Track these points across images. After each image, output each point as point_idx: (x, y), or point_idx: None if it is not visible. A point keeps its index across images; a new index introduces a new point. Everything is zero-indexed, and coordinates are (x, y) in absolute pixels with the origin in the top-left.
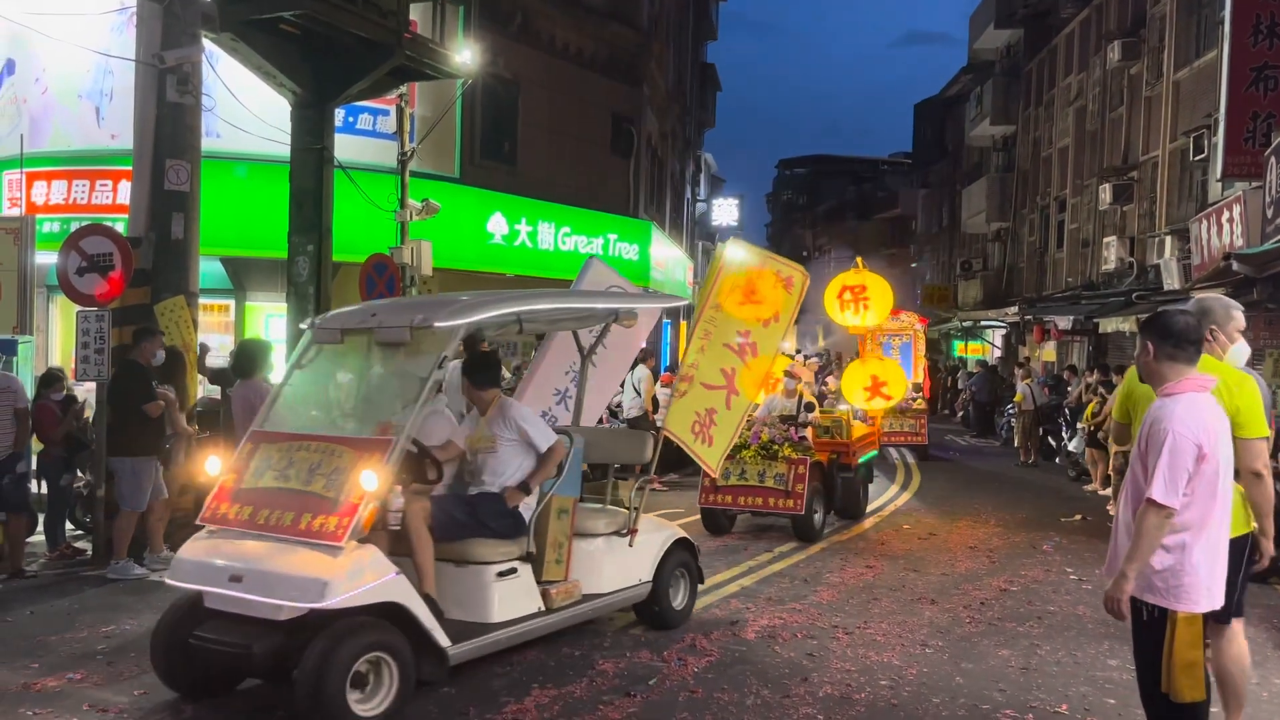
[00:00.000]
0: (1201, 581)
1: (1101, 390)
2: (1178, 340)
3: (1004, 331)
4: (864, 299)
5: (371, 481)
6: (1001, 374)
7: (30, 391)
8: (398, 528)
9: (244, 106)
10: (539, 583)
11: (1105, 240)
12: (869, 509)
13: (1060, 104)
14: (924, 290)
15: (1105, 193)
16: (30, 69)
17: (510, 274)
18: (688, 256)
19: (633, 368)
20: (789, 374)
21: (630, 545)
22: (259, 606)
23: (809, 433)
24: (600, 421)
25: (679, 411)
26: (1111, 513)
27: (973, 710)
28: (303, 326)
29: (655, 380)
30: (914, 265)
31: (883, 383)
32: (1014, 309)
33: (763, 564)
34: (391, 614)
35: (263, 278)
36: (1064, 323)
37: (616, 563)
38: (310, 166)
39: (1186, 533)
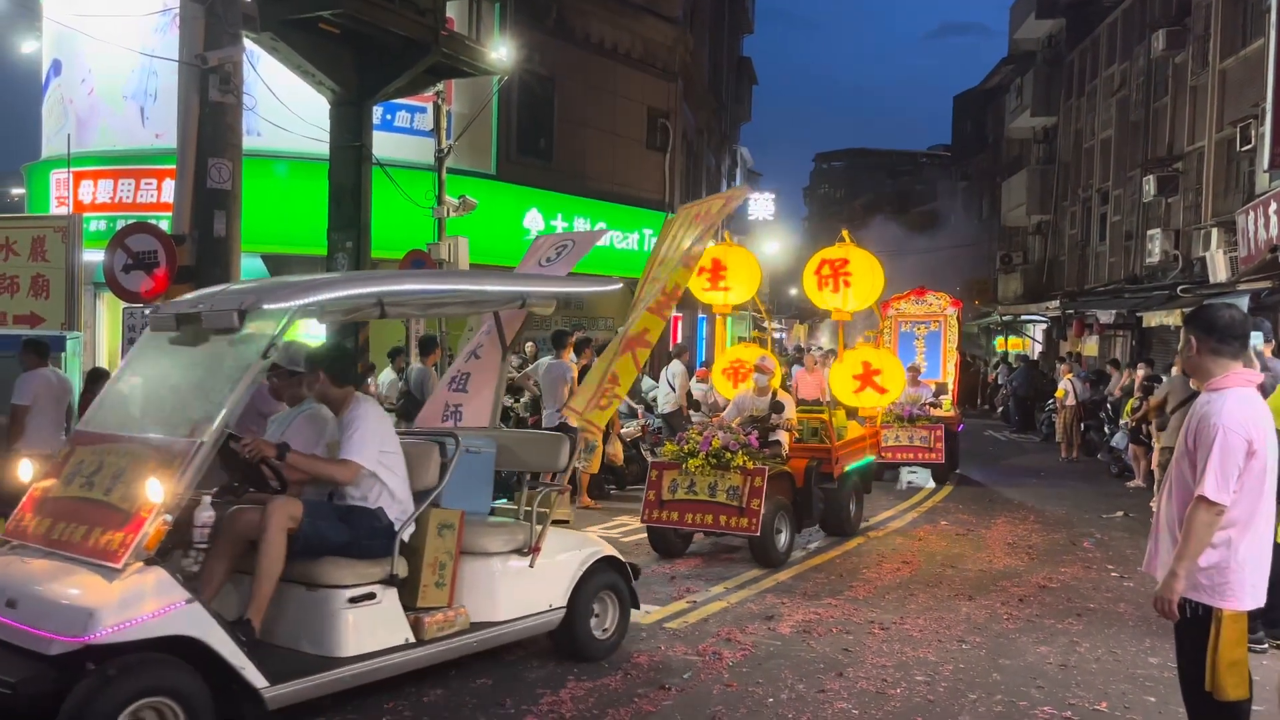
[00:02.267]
0: (1247, 579)
1: (1146, 385)
2: (1223, 335)
3: (1045, 326)
4: (844, 275)
5: (156, 491)
6: (1042, 369)
7: (77, 389)
8: (204, 545)
9: (284, 105)
10: (410, 610)
11: (1149, 233)
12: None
13: (1103, 94)
14: (963, 285)
15: (1149, 184)
16: (76, 70)
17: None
18: None
19: (667, 363)
20: (760, 368)
21: (531, 566)
22: (28, 638)
23: (785, 437)
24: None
25: (584, 388)
26: (1154, 509)
27: (1010, 707)
28: (147, 313)
29: (690, 375)
30: (948, 255)
31: (875, 371)
32: (1055, 303)
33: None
34: (190, 649)
35: (303, 274)
36: (1106, 317)
37: (518, 586)
38: (349, 164)
39: (1233, 529)
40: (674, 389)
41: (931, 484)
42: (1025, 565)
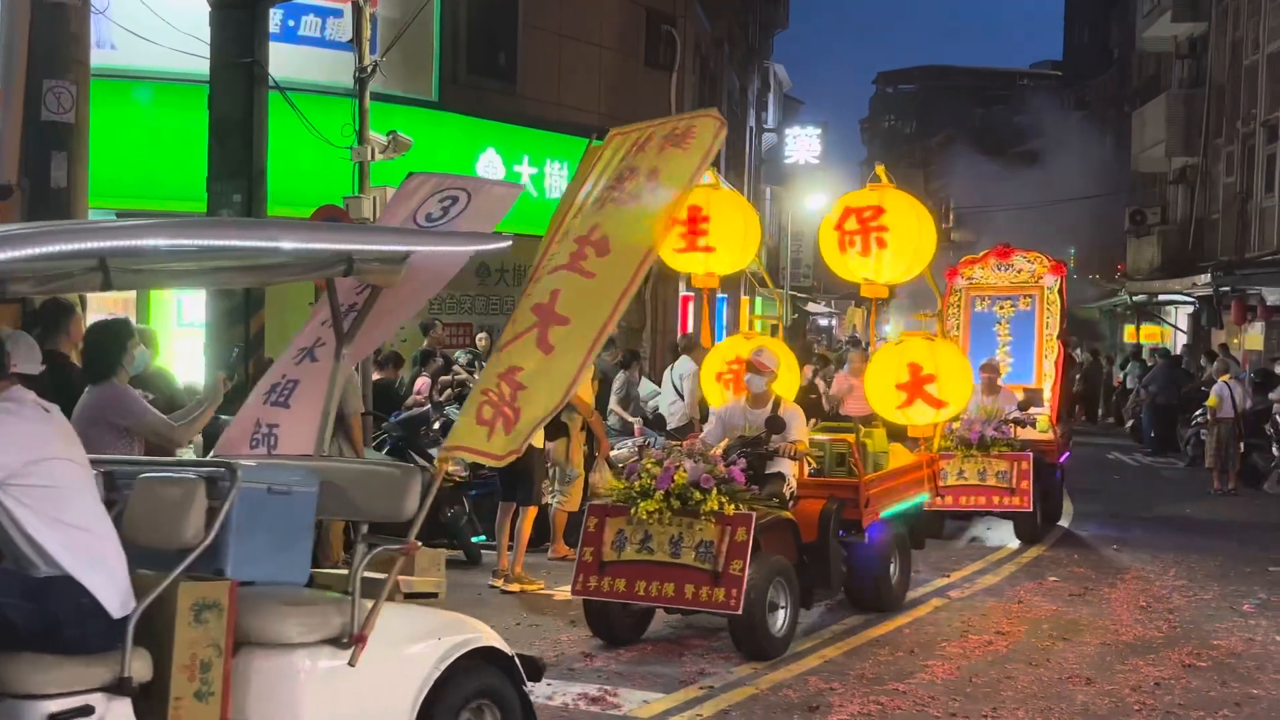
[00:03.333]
0: None
1: None
2: None
3: (1192, 309)
4: (878, 232)
5: None
6: (1187, 368)
7: None
8: None
9: (147, 7)
10: None
11: None
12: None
13: None
14: (1080, 253)
15: None
16: None
17: (508, 232)
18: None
19: (673, 359)
20: (753, 365)
21: (351, 664)
22: None
23: (792, 469)
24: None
25: (469, 405)
26: None
27: None
28: None
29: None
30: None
31: (928, 377)
32: (1205, 277)
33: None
34: None
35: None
36: (1275, 297)
37: (331, 696)
38: (236, 87)
39: None
40: (682, 396)
41: (1014, 543)
42: (1164, 636)
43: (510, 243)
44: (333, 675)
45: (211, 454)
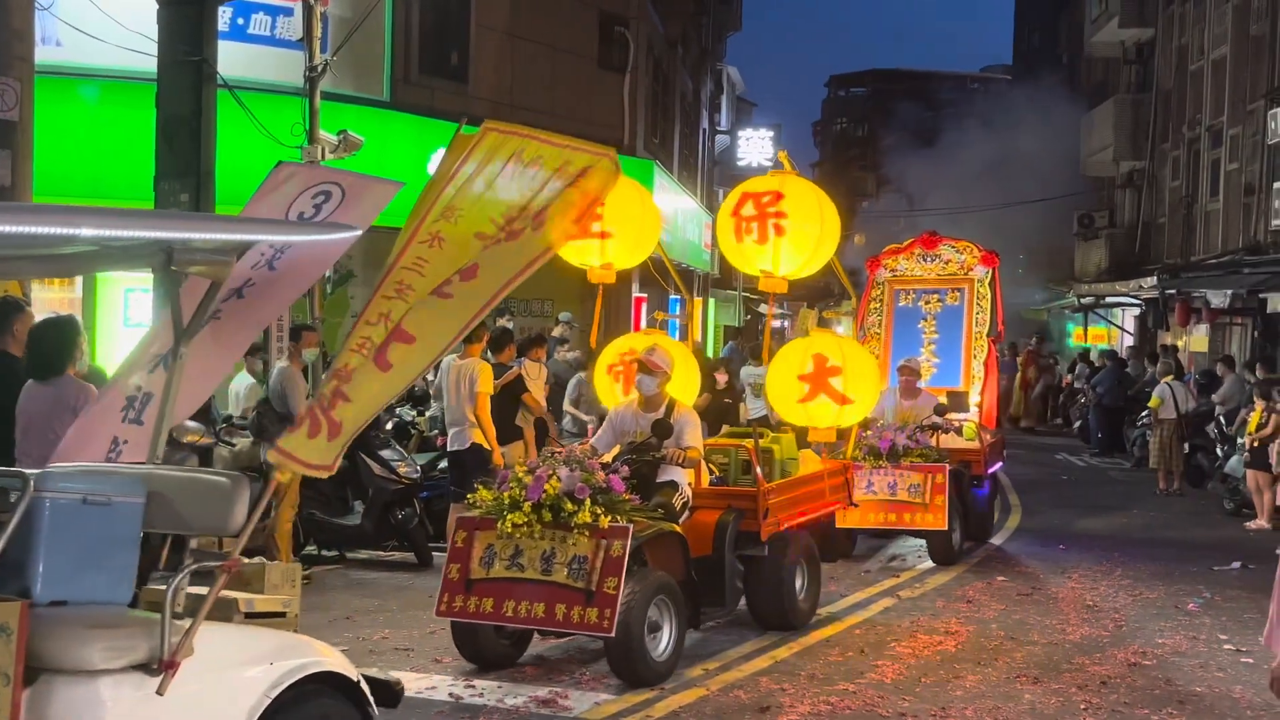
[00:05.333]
0: None
1: (1265, 390)
2: None
3: (1138, 311)
4: (776, 219)
5: None
6: (1131, 370)
7: None
8: None
9: (94, 4)
10: None
11: (1276, 185)
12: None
13: (1215, 0)
14: (1028, 256)
15: (1275, 120)
16: None
17: None
18: (704, 209)
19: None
20: (646, 364)
21: (160, 693)
22: None
23: (687, 478)
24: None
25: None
26: None
27: None
28: None
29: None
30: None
31: (833, 369)
32: (1151, 280)
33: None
34: None
35: None
36: (1219, 299)
37: None
38: (185, 85)
39: None
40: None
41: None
42: (1110, 635)
43: (358, 232)
44: (139, 705)
45: (51, 461)
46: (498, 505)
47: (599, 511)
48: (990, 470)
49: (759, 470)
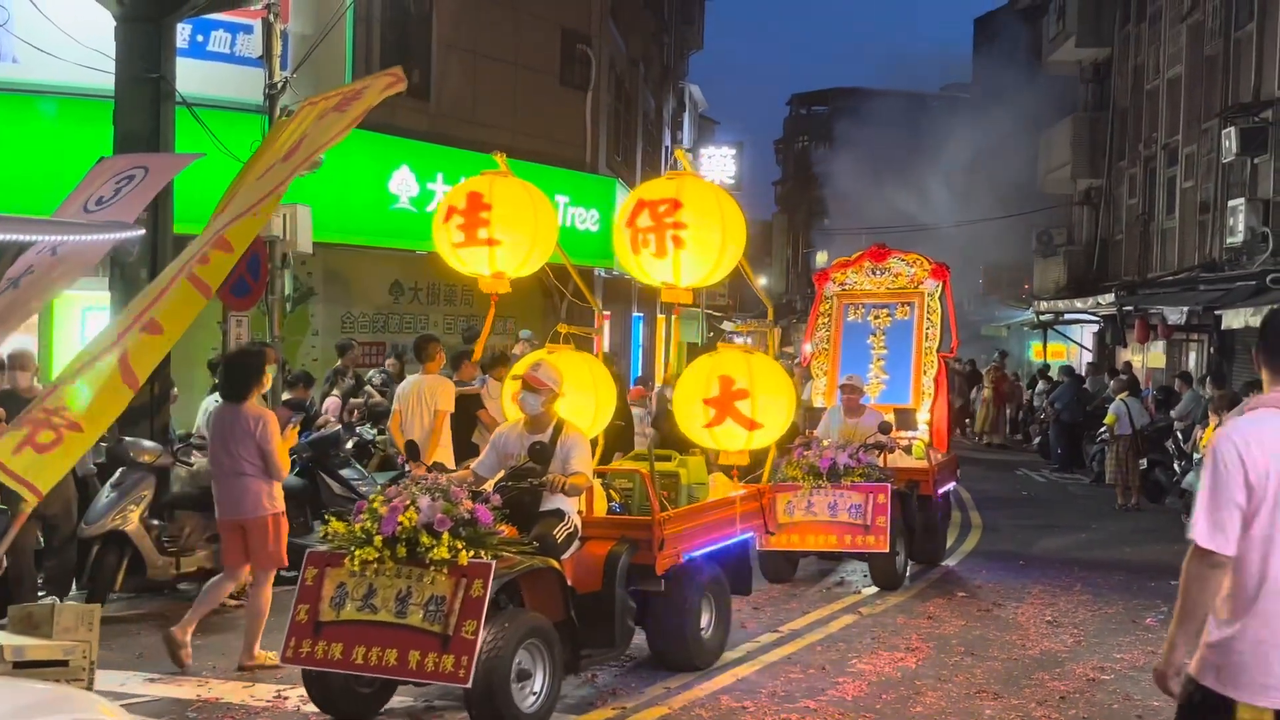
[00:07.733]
0: (1262, 663)
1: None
2: (1274, 342)
3: (1096, 327)
4: (674, 230)
5: None
6: (1089, 386)
7: None
8: None
9: (50, 20)
10: None
11: (1230, 204)
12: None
13: (1170, 20)
14: (987, 273)
15: (1230, 139)
16: None
17: (422, 250)
18: None
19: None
20: (529, 381)
21: None
22: None
23: (572, 506)
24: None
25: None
26: None
27: None
28: None
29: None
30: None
31: (739, 392)
32: (1109, 297)
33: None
34: None
35: None
36: (1175, 316)
37: None
38: (143, 102)
39: (1241, 594)
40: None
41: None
42: (1069, 650)
43: (141, 233)
44: None
45: None
46: (349, 538)
47: (459, 546)
48: (941, 491)
49: (653, 497)
